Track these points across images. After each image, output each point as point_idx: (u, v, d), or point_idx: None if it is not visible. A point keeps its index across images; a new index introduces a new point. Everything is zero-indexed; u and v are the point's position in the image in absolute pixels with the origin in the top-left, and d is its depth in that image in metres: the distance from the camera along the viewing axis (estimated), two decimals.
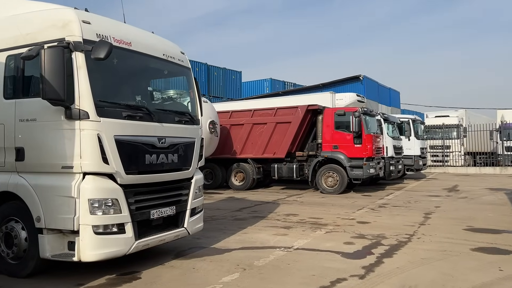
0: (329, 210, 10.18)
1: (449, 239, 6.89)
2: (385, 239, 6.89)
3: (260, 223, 8.44)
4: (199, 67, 33.43)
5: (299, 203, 11.41)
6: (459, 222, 8.36)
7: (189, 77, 6.33)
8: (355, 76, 26.57)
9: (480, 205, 10.92)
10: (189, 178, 5.90)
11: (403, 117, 19.02)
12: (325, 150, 13.73)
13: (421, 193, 13.55)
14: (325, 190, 13.55)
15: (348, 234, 7.31)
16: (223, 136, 14.93)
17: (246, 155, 14.76)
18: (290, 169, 14.13)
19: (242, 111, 15.18)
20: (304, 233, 7.41)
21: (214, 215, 9.35)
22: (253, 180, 14.72)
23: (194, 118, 6.09)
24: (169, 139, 5.43)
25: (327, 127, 13.75)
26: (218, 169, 15.23)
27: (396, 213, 9.67)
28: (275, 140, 14.29)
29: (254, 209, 10.27)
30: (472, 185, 16.33)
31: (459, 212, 9.77)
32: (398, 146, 16.73)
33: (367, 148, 13.11)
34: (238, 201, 11.91)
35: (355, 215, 9.39)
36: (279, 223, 8.38)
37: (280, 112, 14.34)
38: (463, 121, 25.52)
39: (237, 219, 8.87)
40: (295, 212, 9.71)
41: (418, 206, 10.73)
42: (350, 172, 13.18)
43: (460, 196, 12.81)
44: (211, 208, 10.52)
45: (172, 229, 5.57)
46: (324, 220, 8.73)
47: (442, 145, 24.80)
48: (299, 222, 8.53)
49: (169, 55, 5.82)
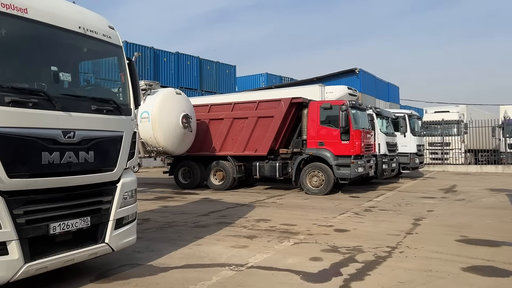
0: (308, 214, 9.05)
1: (437, 253, 5.76)
2: (360, 254, 5.77)
3: (223, 231, 7.33)
4: (190, 60, 32.32)
5: (277, 206, 10.30)
6: (452, 231, 7.23)
7: (120, 57, 5.21)
8: (350, 69, 25.37)
9: (478, 209, 9.77)
10: (114, 182, 4.79)
11: (398, 112, 17.83)
12: (310, 147, 12.59)
13: (415, 194, 12.40)
14: (310, 190, 12.42)
15: (319, 247, 6.19)
16: (201, 132, 13.82)
17: (226, 152, 13.64)
18: (273, 167, 13.00)
19: (221, 104, 14.04)
20: (267, 245, 6.29)
21: (174, 221, 8.25)
22: (233, 179, 13.61)
23: (123, 107, 4.95)
24: (81, 132, 4.32)
25: (312, 122, 12.61)
26: (197, 167, 14.11)
27: (382, 218, 8.54)
28: (256, 136, 13.16)
29: (223, 213, 9.16)
30: (471, 185, 15.16)
31: (453, 217, 8.63)
32: (392, 143, 15.56)
33: (355, 145, 11.96)
34: (211, 203, 10.81)
35: (334, 220, 8.27)
36: (244, 231, 7.27)
37: (262, 105, 13.20)
38: (464, 117, 24.30)
39: (198, 226, 7.77)
40: (268, 217, 8.59)
41: (409, 210, 9.59)
42: (336, 171, 12.04)
43: (457, 198, 11.66)
44: (176, 212, 9.42)
45: (88, 245, 4.46)
46: (297, 227, 7.61)
47: (442, 142, 23.58)
48: (267, 230, 7.41)
49: (89, 28, 4.68)
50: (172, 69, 30.73)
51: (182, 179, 14.43)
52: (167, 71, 30.35)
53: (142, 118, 11.51)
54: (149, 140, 11.59)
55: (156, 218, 8.65)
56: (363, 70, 26.12)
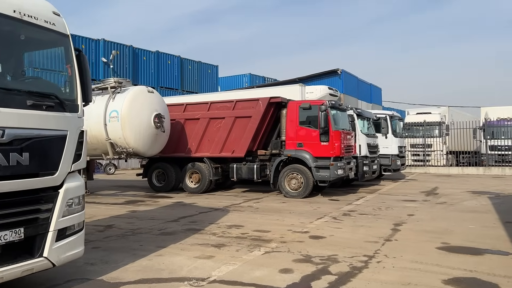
0: (284, 219, 8.58)
1: (417, 263, 5.34)
2: (335, 264, 5.31)
3: (190, 239, 6.80)
4: (171, 59, 31.64)
5: (253, 210, 9.81)
6: (433, 237, 6.84)
7: (66, 47, 4.62)
8: (332, 70, 25.05)
9: (460, 213, 9.45)
10: (55, 187, 4.23)
11: (380, 113, 17.53)
12: (288, 149, 12.14)
13: (396, 197, 12.05)
14: (289, 193, 11.97)
15: (291, 256, 5.71)
16: (176, 132, 13.25)
17: (202, 154, 13.10)
18: (250, 169, 12.51)
19: (197, 103, 13.49)
20: (236, 255, 5.79)
21: (140, 228, 7.68)
22: (210, 182, 13.07)
23: (67, 103, 4.39)
24: (13, 131, 3.75)
25: (291, 123, 12.16)
26: (172, 169, 13.52)
27: (360, 223, 8.12)
28: (234, 137, 12.66)
29: (194, 219, 8.62)
30: (453, 187, 14.93)
31: (435, 222, 8.26)
32: (373, 144, 15.22)
33: (334, 146, 11.55)
34: (183, 208, 10.25)
35: (311, 226, 7.81)
36: (213, 239, 6.75)
37: (239, 105, 12.70)
38: (446, 119, 24.22)
39: (164, 233, 7.22)
40: (241, 223, 8.09)
41: (389, 214, 9.21)
42: (315, 174, 11.60)
43: (438, 201, 11.35)
44: (144, 217, 8.84)
45: (21, 260, 3.89)
46: (270, 234, 7.13)
47: (423, 144, 23.44)
48: (238, 237, 6.91)
49: (27, 13, 4.10)
50: (152, 68, 30.02)
51: (156, 181, 13.82)
52: (146, 70, 29.63)
53: (111, 118, 10.89)
54: (118, 140, 10.96)
55: (120, 224, 8.06)
56: (345, 71, 25.85)
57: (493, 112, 22.65)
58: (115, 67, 26.71)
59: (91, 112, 11.20)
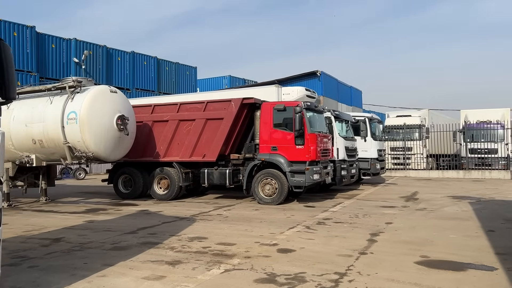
0: (253, 229, 7.92)
1: (394, 282, 4.74)
2: (301, 285, 4.66)
3: (143, 255, 6.07)
4: (147, 60, 30.71)
5: (221, 219, 9.11)
6: (412, 249, 6.27)
7: None
8: (311, 72, 24.53)
9: (440, 220, 8.94)
10: None
11: (358, 115, 17.05)
12: (262, 152, 11.50)
13: (374, 203, 11.52)
14: (262, 199, 11.32)
15: (253, 275, 5.04)
16: (143, 135, 12.48)
17: (171, 158, 12.34)
18: (222, 174, 11.81)
19: (166, 105, 12.74)
20: (190, 274, 5.09)
21: (91, 242, 6.90)
22: (179, 188, 12.32)
23: None
24: None
25: (264, 125, 11.53)
26: (139, 175, 12.71)
27: (335, 233, 7.51)
28: (205, 140, 11.96)
29: (155, 230, 7.88)
30: (433, 191, 14.52)
31: (414, 231, 7.72)
32: (352, 147, 14.71)
33: (310, 149, 10.95)
34: (146, 217, 9.49)
35: (281, 237, 7.17)
36: (169, 255, 6.04)
37: (210, 106, 12.00)
38: (426, 121, 23.96)
39: (116, 248, 6.46)
40: (205, 235, 7.39)
41: (366, 222, 8.63)
42: (290, 179, 10.98)
43: (418, 207, 10.85)
44: (100, 229, 8.06)
45: None
46: (235, 247, 6.45)
47: (404, 147, 23.13)
48: (198, 252, 6.21)
49: None
50: (127, 69, 29.04)
51: (122, 188, 12.99)
52: (121, 71, 28.63)
53: (69, 119, 10.06)
54: (77, 144, 10.13)
55: (71, 237, 7.27)
56: (325, 73, 25.38)
57: (473, 115, 22.47)
58: (87, 68, 25.69)
59: (47, 113, 10.41)
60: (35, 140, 10.44)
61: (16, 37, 22.33)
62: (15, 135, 10.67)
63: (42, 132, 10.31)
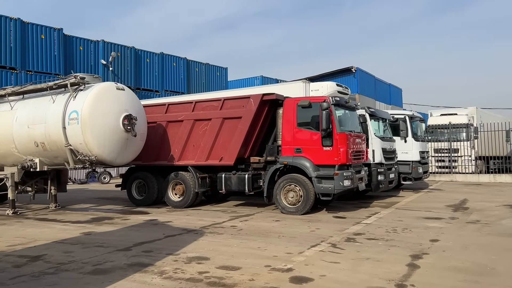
0: (266, 247, 6.63)
1: None
2: None
3: (124, 281, 4.94)
4: (177, 61, 30.08)
5: (233, 233, 7.88)
6: (467, 281, 4.78)
7: None
8: (346, 68, 22.86)
9: (499, 237, 7.30)
10: None
11: (398, 113, 15.33)
12: (285, 155, 10.19)
13: (416, 213, 9.92)
14: (285, 208, 10.01)
15: None
16: (157, 137, 11.52)
17: (186, 162, 11.27)
18: (241, 180, 10.58)
19: (180, 103, 11.68)
20: None
21: (72, 261, 5.86)
22: (195, 195, 11.23)
23: None
24: None
25: (287, 124, 10.22)
26: (153, 179, 11.73)
27: (366, 254, 6.09)
28: (222, 141, 10.80)
29: (152, 247, 6.75)
30: (485, 199, 12.64)
31: (467, 253, 6.17)
32: (390, 149, 13.07)
33: (339, 151, 9.53)
34: (149, 229, 8.41)
35: (298, 259, 5.84)
36: (155, 283, 4.87)
37: (227, 104, 10.83)
38: (474, 120, 21.73)
39: (97, 271, 5.36)
40: (208, 254, 6.18)
41: (406, 238, 7.14)
42: (317, 185, 9.61)
43: (469, 219, 9.17)
44: (92, 244, 7.04)
45: None
46: (238, 273, 5.20)
47: (449, 148, 21.02)
48: (191, 279, 5.00)
49: None
50: (156, 71, 28.50)
51: (136, 194, 12.05)
52: (150, 73, 28.11)
53: (70, 120, 9.17)
54: (79, 147, 9.23)
55: (53, 255, 6.27)
56: (361, 69, 23.60)
57: None
58: (115, 70, 25.30)
59: (49, 113, 9.60)
60: (37, 142, 9.65)
61: (43, 39, 22.20)
62: (18, 138, 9.95)
63: (44, 133, 9.50)
